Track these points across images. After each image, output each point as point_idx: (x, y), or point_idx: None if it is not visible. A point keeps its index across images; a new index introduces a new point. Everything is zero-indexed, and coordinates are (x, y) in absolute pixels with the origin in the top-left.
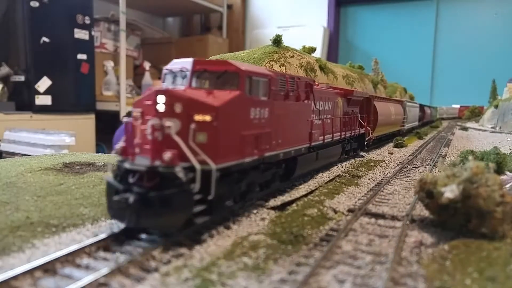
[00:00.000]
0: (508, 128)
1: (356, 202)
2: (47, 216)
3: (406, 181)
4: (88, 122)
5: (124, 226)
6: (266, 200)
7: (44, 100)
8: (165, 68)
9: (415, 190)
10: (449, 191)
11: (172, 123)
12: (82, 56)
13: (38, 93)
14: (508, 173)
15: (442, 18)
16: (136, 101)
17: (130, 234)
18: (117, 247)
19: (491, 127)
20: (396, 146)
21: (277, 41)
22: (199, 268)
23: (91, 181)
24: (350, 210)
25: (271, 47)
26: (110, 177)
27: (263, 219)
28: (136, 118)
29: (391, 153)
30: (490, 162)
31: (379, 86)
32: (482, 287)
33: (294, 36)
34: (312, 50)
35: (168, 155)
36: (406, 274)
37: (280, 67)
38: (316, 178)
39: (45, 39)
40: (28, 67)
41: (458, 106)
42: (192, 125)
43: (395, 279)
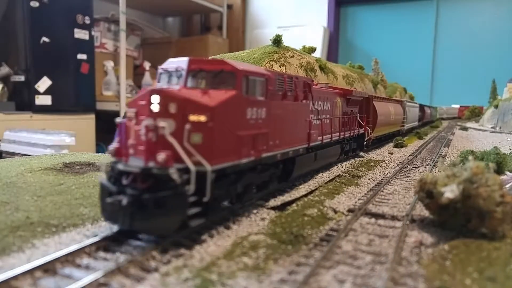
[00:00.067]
0: (508, 128)
1: (356, 202)
2: (47, 216)
3: (406, 181)
4: (88, 122)
5: (119, 228)
6: (266, 200)
7: (44, 100)
8: (160, 68)
9: (415, 190)
10: (449, 191)
11: (166, 124)
12: (82, 56)
13: (38, 93)
14: (508, 173)
15: (442, 18)
16: (131, 101)
17: (129, 235)
18: (117, 247)
19: (491, 127)
20: (396, 146)
21: (277, 41)
22: (199, 268)
23: (91, 181)
24: (350, 210)
25: (271, 47)
26: (104, 179)
27: (263, 219)
28: (131, 119)
29: (391, 153)
30: (490, 162)
31: (379, 86)
32: (482, 287)
33: (294, 36)
34: (312, 50)
35: (162, 156)
36: (406, 274)
37: (280, 67)
38: (316, 178)
39: (45, 39)
40: (28, 67)
41: (458, 106)
42: (187, 126)
43: (395, 279)
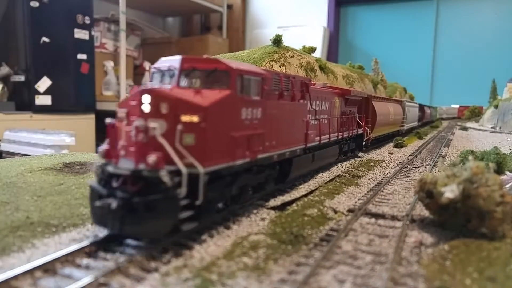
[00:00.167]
0: (508, 128)
1: (356, 202)
2: (47, 216)
3: (406, 181)
4: (88, 122)
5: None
6: (266, 200)
7: (44, 100)
8: (153, 67)
9: (415, 190)
10: (449, 191)
11: (157, 124)
12: (82, 56)
13: (38, 93)
14: (508, 173)
15: (442, 18)
16: (122, 101)
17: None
18: (117, 247)
19: (491, 127)
20: (396, 146)
21: (277, 41)
22: (199, 268)
23: None
24: (350, 210)
25: (271, 47)
26: (94, 181)
27: (263, 219)
28: (121, 119)
29: (391, 153)
30: (490, 162)
31: (379, 86)
32: (482, 287)
33: (294, 36)
34: (312, 50)
35: (153, 158)
36: (406, 274)
37: (280, 67)
38: (316, 178)
39: (45, 39)
40: (28, 67)
41: (458, 106)
42: (179, 126)
43: (395, 279)
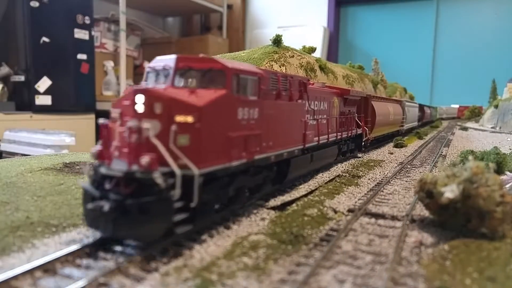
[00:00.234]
0: (508, 128)
1: (356, 202)
2: (47, 216)
3: (406, 181)
4: (88, 122)
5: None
6: (266, 200)
7: (44, 100)
8: (148, 66)
9: (415, 190)
10: (449, 191)
11: (151, 125)
12: (82, 56)
13: (38, 93)
14: (508, 173)
15: (442, 18)
16: (115, 101)
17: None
18: (118, 247)
19: (491, 127)
20: (396, 146)
21: (277, 41)
22: (199, 268)
23: None
24: (350, 210)
25: (271, 47)
26: (87, 183)
27: (263, 219)
28: (115, 120)
29: (391, 153)
30: (490, 162)
31: (379, 86)
32: (482, 287)
33: (294, 36)
34: (312, 50)
35: (146, 159)
36: (406, 274)
37: (280, 67)
38: (316, 178)
39: (45, 39)
40: (28, 67)
41: (457, 106)
42: (173, 127)
43: (395, 279)
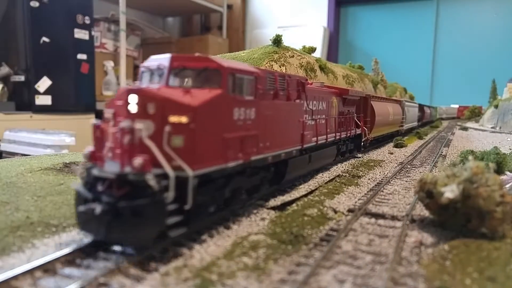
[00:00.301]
0: (508, 128)
1: (356, 202)
2: (47, 216)
3: (406, 181)
4: (88, 122)
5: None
6: (266, 200)
7: (44, 100)
8: (142, 66)
9: (415, 190)
10: (449, 191)
11: (144, 125)
12: (82, 56)
13: (38, 93)
14: (508, 173)
15: (442, 18)
16: (109, 102)
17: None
18: (118, 247)
19: (491, 127)
20: (396, 146)
21: (277, 41)
22: (199, 268)
23: None
24: (350, 210)
25: (271, 47)
26: (79, 185)
27: (263, 219)
28: (108, 120)
29: (391, 153)
30: (490, 162)
31: (379, 86)
32: (482, 287)
33: (294, 36)
34: (312, 50)
35: (139, 161)
36: (406, 274)
37: (280, 67)
38: (316, 178)
39: (45, 39)
40: (28, 67)
41: (457, 106)
42: (167, 128)
43: (395, 279)
